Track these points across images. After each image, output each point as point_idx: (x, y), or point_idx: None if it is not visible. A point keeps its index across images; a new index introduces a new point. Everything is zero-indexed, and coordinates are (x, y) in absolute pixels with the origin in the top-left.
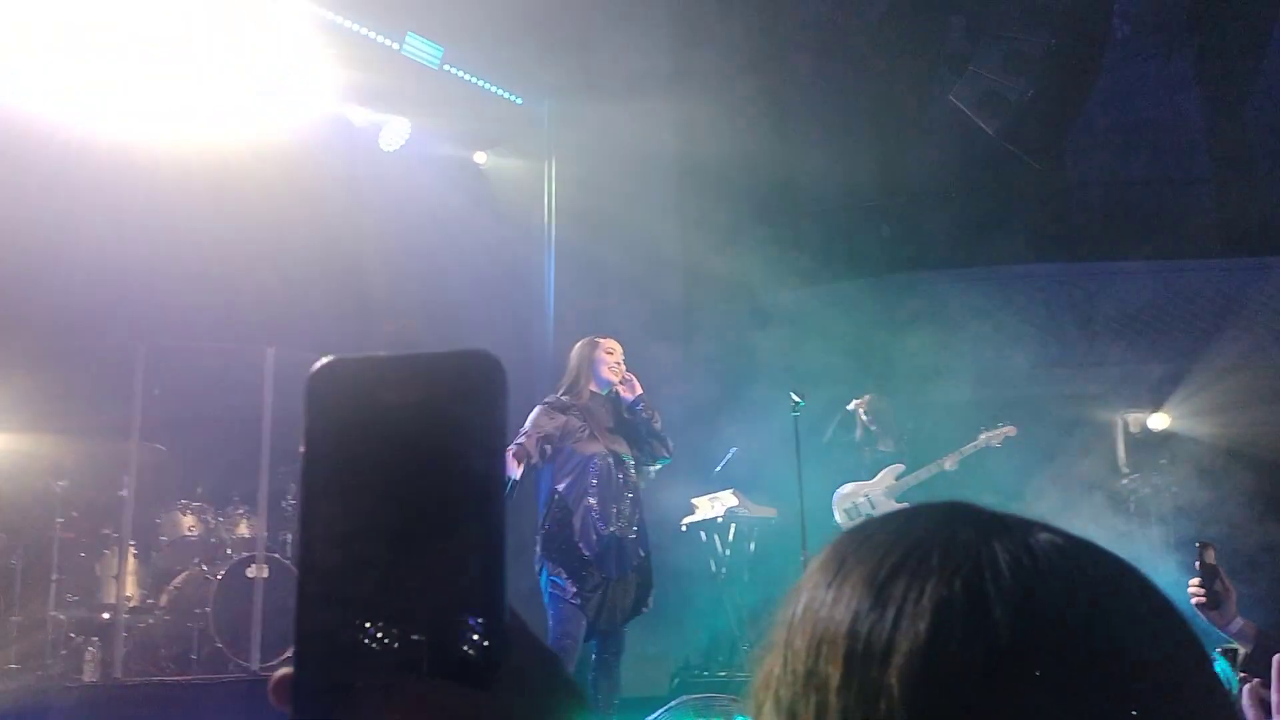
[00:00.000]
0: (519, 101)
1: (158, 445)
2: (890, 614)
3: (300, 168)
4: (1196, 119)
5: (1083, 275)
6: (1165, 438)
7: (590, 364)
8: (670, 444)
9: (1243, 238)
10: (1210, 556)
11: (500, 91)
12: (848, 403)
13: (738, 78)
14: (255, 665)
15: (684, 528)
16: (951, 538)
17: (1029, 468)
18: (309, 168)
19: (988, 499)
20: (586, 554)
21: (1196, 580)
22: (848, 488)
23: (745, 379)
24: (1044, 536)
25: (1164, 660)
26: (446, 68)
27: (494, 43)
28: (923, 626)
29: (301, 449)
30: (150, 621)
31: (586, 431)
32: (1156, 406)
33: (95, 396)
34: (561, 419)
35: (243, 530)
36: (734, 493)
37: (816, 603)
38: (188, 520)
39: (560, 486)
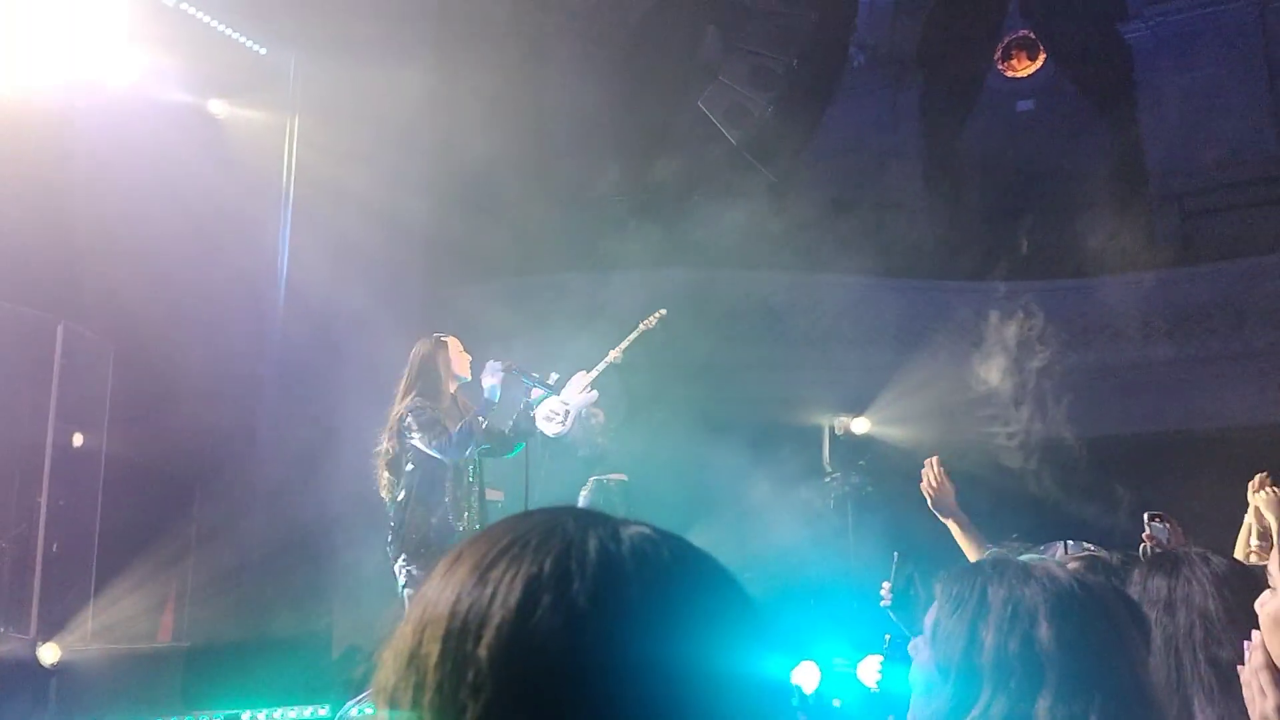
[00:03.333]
0: (263, 51)
1: None
2: (488, 593)
3: (9, 106)
4: (917, 148)
5: (803, 286)
6: (865, 441)
7: (446, 365)
8: (521, 428)
9: (949, 262)
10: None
11: (241, 38)
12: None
13: (499, 57)
14: (31, 634)
15: None
16: (553, 528)
17: (742, 462)
18: (20, 105)
19: (699, 492)
20: (440, 550)
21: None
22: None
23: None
24: (637, 529)
25: (728, 635)
26: (182, 6)
27: None
28: (513, 601)
29: None
30: None
31: None
32: (859, 411)
33: None
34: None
35: None
36: None
37: (429, 592)
38: None
39: (417, 485)
